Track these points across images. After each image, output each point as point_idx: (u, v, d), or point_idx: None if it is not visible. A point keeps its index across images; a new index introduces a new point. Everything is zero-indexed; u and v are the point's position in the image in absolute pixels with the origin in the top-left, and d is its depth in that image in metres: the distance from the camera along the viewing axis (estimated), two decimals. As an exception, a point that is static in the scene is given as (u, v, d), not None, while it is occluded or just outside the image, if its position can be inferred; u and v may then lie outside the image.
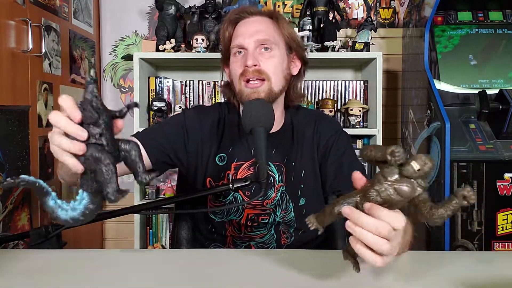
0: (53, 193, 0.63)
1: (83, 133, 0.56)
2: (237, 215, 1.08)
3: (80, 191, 0.64)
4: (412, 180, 0.56)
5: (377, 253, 0.59)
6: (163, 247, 2.22)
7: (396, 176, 0.57)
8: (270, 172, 1.08)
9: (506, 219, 1.63)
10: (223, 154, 1.10)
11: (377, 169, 0.60)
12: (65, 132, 0.57)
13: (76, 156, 0.58)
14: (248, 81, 1.04)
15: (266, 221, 1.08)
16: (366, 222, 0.59)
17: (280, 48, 1.08)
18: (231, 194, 1.08)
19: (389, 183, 0.57)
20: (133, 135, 1.10)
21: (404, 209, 0.61)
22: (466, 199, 0.55)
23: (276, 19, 1.10)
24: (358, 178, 0.63)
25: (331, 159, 1.10)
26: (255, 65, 1.03)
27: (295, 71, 1.14)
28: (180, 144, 1.10)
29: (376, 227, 0.58)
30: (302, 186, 1.09)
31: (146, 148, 1.05)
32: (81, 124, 0.59)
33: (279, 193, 1.08)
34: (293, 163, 1.10)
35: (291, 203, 1.08)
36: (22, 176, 0.59)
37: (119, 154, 0.62)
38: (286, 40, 1.10)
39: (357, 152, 1.13)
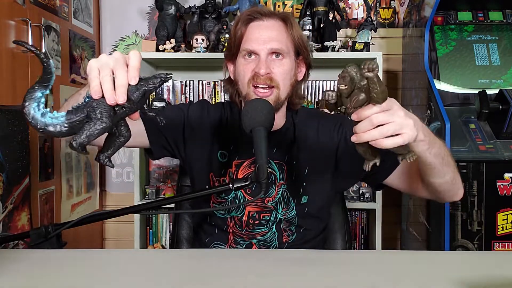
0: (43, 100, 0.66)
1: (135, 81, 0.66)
2: (239, 212, 1.10)
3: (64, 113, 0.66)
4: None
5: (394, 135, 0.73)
6: (163, 247, 2.22)
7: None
8: (271, 170, 1.09)
9: (506, 219, 1.63)
10: (224, 152, 1.13)
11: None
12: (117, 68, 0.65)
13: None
14: (256, 86, 1.04)
15: (268, 218, 1.09)
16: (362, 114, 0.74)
17: (290, 56, 1.08)
18: (233, 192, 1.09)
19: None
20: None
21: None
22: (367, 72, 0.68)
23: (290, 24, 1.09)
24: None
25: (343, 148, 1.11)
26: (268, 73, 1.04)
27: (300, 76, 1.15)
28: (177, 132, 1.13)
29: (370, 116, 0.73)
30: (304, 184, 1.10)
31: (146, 126, 1.08)
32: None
33: (280, 191, 1.09)
34: (295, 162, 1.10)
35: (292, 201, 1.09)
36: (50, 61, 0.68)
37: (115, 130, 0.68)
38: (296, 45, 1.09)
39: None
